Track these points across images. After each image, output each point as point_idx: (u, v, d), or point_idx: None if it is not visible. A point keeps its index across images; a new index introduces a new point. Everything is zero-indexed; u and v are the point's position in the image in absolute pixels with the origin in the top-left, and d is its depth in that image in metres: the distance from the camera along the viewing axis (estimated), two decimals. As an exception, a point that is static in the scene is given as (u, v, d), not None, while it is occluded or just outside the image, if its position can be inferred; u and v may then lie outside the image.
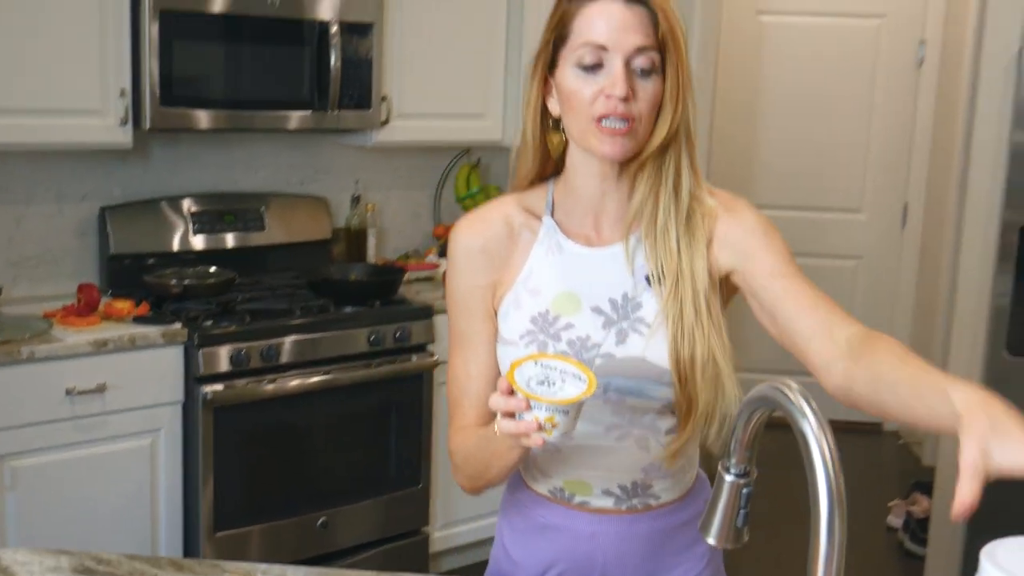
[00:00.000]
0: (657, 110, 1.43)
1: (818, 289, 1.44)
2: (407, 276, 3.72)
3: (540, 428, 1.25)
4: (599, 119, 1.40)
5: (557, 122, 1.50)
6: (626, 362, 1.46)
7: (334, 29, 3.42)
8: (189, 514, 3.15)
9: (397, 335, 3.42)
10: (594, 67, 1.41)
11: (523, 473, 1.61)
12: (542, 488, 1.58)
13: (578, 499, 1.56)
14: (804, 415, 1.01)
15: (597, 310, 1.48)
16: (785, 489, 3.36)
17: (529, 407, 1.25)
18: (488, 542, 1.73)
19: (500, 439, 1.34)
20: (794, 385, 1.05)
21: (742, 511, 1.19)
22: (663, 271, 1.46)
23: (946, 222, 5.01)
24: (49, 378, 2.88)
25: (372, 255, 3.97)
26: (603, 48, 1.40)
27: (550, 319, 1.48)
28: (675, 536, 1.58)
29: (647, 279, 1.48)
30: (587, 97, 1.41)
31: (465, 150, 4.22)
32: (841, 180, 5.49)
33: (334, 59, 3.43)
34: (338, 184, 3.98)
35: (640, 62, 1.40)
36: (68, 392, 2.90)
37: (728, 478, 1.18)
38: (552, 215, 1.53)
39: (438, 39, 3.75)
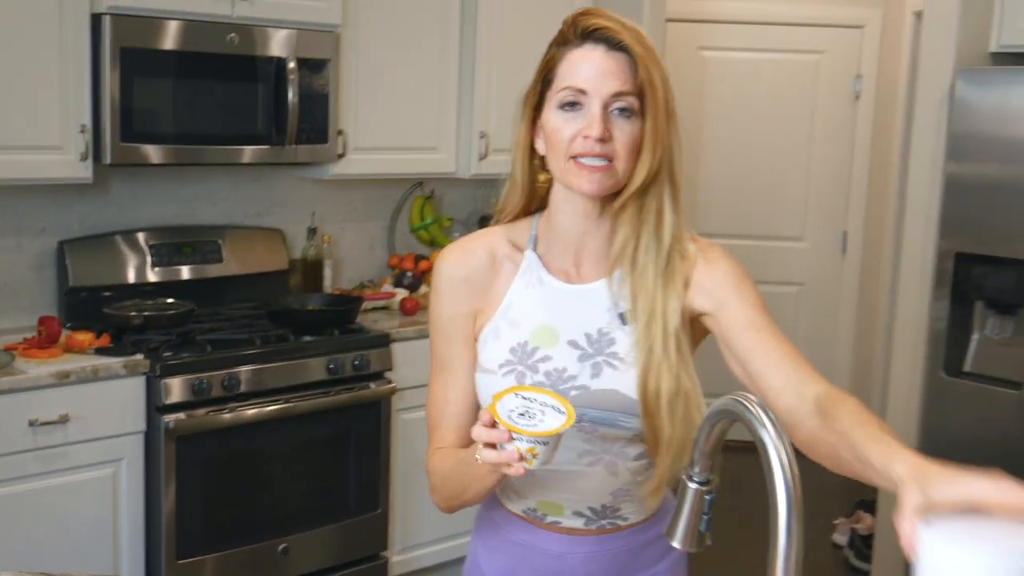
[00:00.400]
0: (637, 152, 1.50)
1: (788, 343, 1.51)
2: (364, 305, 3.79)
3: (521, 458, 1.32)
4: (576, 157, 1.49)
5: (544, 160, 1.57)
6: (599, 394, 1.53)
7: (291, 65, 3.50)
8: (151, 542, 3.18)
9: (356, 363, 3.48)
10: (574, 107, 1.49)
11: (498, 493, 1.68)
12: (516, 508, 1.66)
13: (550, 519, 1.63)
14: (763, 425, 1.10)
15: (574, 344, 1.55)
16: (748, 509, 3.46)
17: (511, 438, 1.32)
18: (446, 565, 1.81)
19: (478, 465, 1.41)
20: (754, 398, 1.14)
21: (705, 516, 1.28)
22: (637, 308, 1.53)
23: (884, 249, 5.19)
24: (12, 410, 2.90)
25: (328, 285, 4.03)
26: (583, 91, 1.48)
27: (528, 350, 1.55)
28: (641, 553, 1.67)
29: (621, 316, 1.55)
30: (566, 136, 1.49)
31: (419, 182, 4.30)
32: (783, 209, 5.65)
33: (291, 95, 3.50)
34: (294, 216, 4.05)
35: (617, 106, 1.48)
36: (31, 423, 2.93)
37: (692, 486, 1.27)
38: (535, 249, 1.60)
39: (392, 75, 3.85)
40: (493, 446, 1.34)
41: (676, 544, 1.30)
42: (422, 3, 3.88)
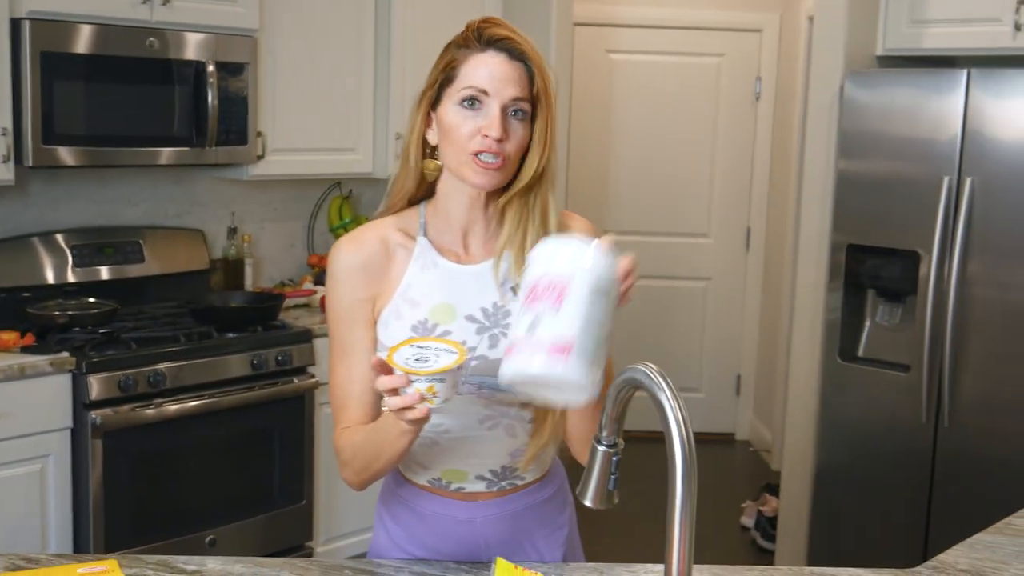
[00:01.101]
0: (524, 152, 1.66)
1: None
2: (286, 303, 3.89)
3: (423, 399, 1.45)
4: (475, 153, 1.62)
5: (434, 150, 1.70)
6: (497, 363, 1.63)
7: (210, 69, 3.58)
8: (79, 536, 3.24)
9: (279, 359, 3.58)
10: (475, 106, 1.62)
11: (402, 468, 1.80)
12: (421, 479, 1.78)
13: (454, 486, 1.76)
14: (661, 388, 1.26)
15: (471, 318, 1.69)
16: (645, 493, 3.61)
17: (409, 382, 1.45)
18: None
19: (390, 428, 1.54)
20: (654, 367, 1.29)
21: (612, 476, 1.42)
22: None
23: (785, 244, 5.42)
24: (-61, 408, 2.95)
25: (249, 284, 4.11)
26: (485, 92, 1.62)
27: (429, 327, 1.68)
28: (540, 509, 1.81)
29: (512, 290, 1.69)
30: (465, 133, 1.62)
31: (337, 182, 4.41)
32: (689, 207, 5.87)
33: (211, 98, 3.58)
34: (214, 216, 4.13)
35: (514, 108, 1.63)
36: (-42, 421, 2.98)
37: (601, 448, 1.42)
38: (425, 235, 1.73)
39: (310, 78, 3.95)
40: (395, 393, 1.46)
41: (588, 502, 1.45)
42: (337, 8, 3.99)
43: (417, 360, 1.46)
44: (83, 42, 3.33)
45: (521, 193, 1.69)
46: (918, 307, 3.48)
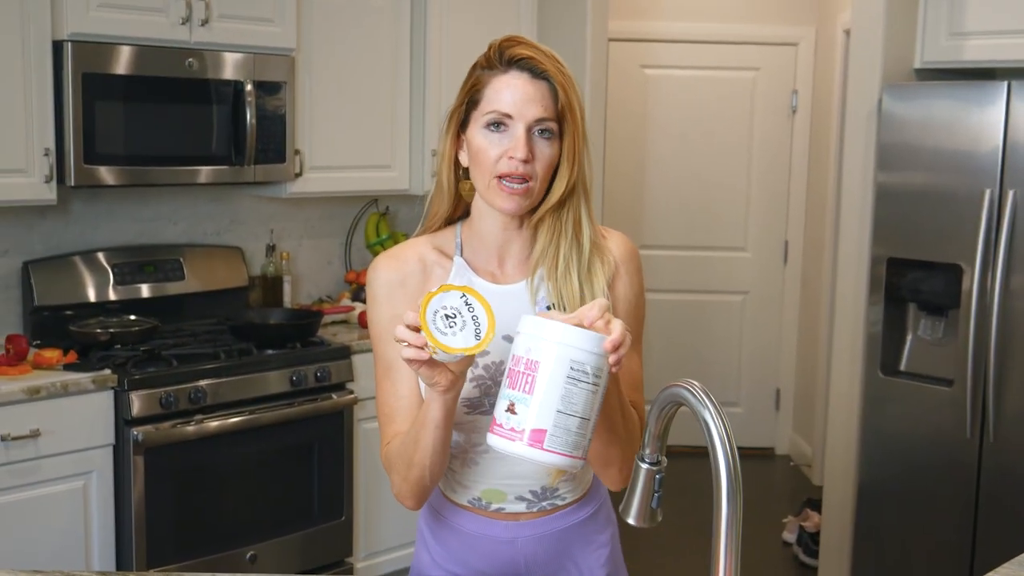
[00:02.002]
0: (553, 171, 1.65)
1: (638, 370, 1.73)
2: (324, 319, 3.91)
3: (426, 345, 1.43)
4: (500, 177, 1.62)
5: (467, 171, 1.70)
6: None
7: (248, 88, 3.61)
8: (122, 552, 3.27)
9: (318, 375, 3.60)
10: (500, 130, 1.62)
11: (443, 487, 1.79)
12: (461, 499, 1.77)
13: (495, 506, 1.75)
14: (705, 406, 1.25)
15: (508, 338, 1.66)
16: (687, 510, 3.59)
17: (425, 344, 1.44)
18: (409, 571, 1.91)
19: (423, 408, 1.55)
20: (697, 384, 1.28)
21: (656, 494, 1.42)
22: (565, 306, 1.68)
23: (823, 257, 5.39)
24: (-16, 426, 2.99)
25: (288, 301, 4.14)
26: (508, 116, 1.62)
27: None
28: (582, 529, 1.81)
29: (548, 308, 1.69)
30: (492, 156, 1.62)
31: (373, 199, 4.43)
32: (726, 221, 5.85)
33: (249, 117, 3.61)
34: (253, 234, 4.16)
35: (540, 128, 1.63)
36: (3, 439, 3.01)
37: (644, 466, 1.41)
38: (461, 255, 1.73)
39: (346, 96, 3.97)
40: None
41: (631, 520, 1.44)
42: (373, 26, 4.01)
43: (447, 318, 1.44)
44: (123, 63, 3.37)
45: (553, 210, 1.69)
46: (961, 321, 3.44)
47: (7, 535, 3.06)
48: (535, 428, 1.38)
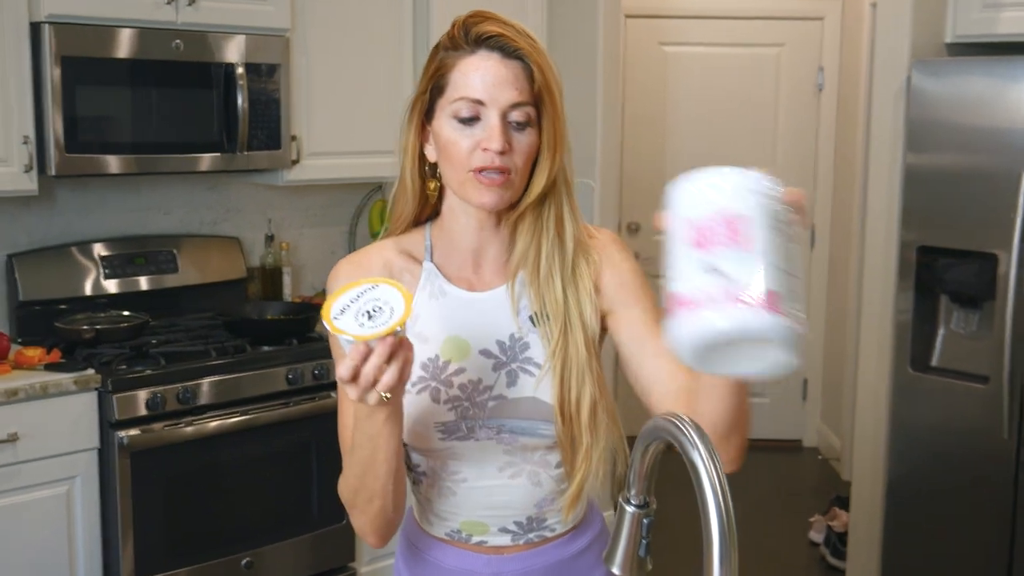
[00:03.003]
0: (533, 161, 1.47)
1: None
2: (323, 313, 3.73)
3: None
4: (477, 171, 1.43)
5: (434, 167, 1.51)
6: (518, 403, 1.50)
7: (240, 71, 3.43)
8: (109, 561, 3.12)
9: (316, 372, 3.43)
10: (471, 120, 1.43)
11: (419, 519, 1.62)
12: (439, 531, 1.59)
13: (476, 539, 1.57)
14: (695, 446, 1.05)
15: (486, 353, 1.50)
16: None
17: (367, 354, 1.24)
18: None
19: (363, 424, 1.34)
20: (685, 417, 1.09)
21: (644, 541, 1.23)
22: (548, 315, 1.50)
23: (851, 242, 5.17)
24: (-41, 431, 2.84)
25: (288, 293, 3.97)
26: (480, 102, 1.43)
27: (440, 364, 1.50)
28: (573, 563, 1.61)
29: (531, 319, 1.51)
30: (464, 149, 1.43)
31: (378, 186, 4.24)
32: (749, 203, 5.61)
33: (241, 101, 3.43)
34: (251, 223, 3.99)
35: (516, 116, 1.43)
36: (-21, 444, 2.86)
37: (629, 509, 1.22)
38: (432, 259, 1.54)
39: (345, 78, 3.78)
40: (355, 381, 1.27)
41: (616, 571, 1.25)
42: (373, 3, 3.81)
43: (368, 314, 1.25)
44: (105, 46, 3.19)
45: (534, 206, 1.50)
46: (997, 313, 3.22)
47: (-14, 544, 2.91)
48: (770, 290, 1.06)
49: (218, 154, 3.46)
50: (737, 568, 1.03)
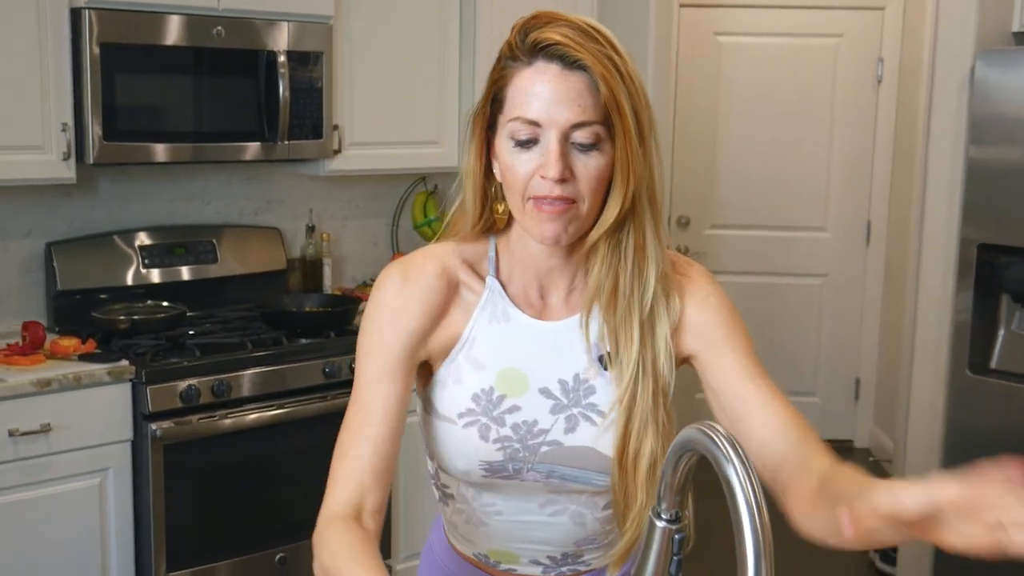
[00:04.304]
0: (605, 187, 1.28)
1: (785, 399, 1.33)
2: (361, 306, 3.67)
3: None
4: (536, 199, 1.27)
5: (502, 187, 1.34)
6: (574, 451, 1.36)
7: (282, 59, 3.37)
8: (141, 554, 3.07)
9: (352, 366, 3.35)
10: (528, 143, 1.26)
11: (448, 533, 1.53)
12: (466, 551, 1.50)
13: (504, 567, 1.48)
14: (729, 460, 0.96)
15: (546, 392, 1.35)
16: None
17: None
18: None
19: None
20: (720, 428, 1.00)
21: (675, 558, 1.13)
22: (621, 358, 1.33)
23: (909, 239, 5.00)
24: (-9, 420, 2.81)
25: (329, 285, 3.91)
26: (535, 123, 1.26)
27: (494, 399, 1.35)
28: None
29: (601, 360, 1.35)
30: (521, 176, 1.27)
31: (421, 177, 4.17)
32: (804, 199, 5.48)
33: (283, 89, 3.37)
34: (292, 214, 3.93)
35: (580, 136, 1.26)
36: (11, 434, 2.82)
37: (660, 524, 1.13)
38: (496, 275, 1.39)
39: (389, 66, 3.71)
40: None
41: (644, 589, 1.16)
42: (420, -9, 3.74)
43: None
44: (146, 32, 3.15)
45: (609, 233, 1.31)
46: (1061, 315, 3.08)
47: (18, 535, 2.88)
48: None
49: (259, 143, 3.41)
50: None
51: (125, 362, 3.03)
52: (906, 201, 5.12)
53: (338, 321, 3.46)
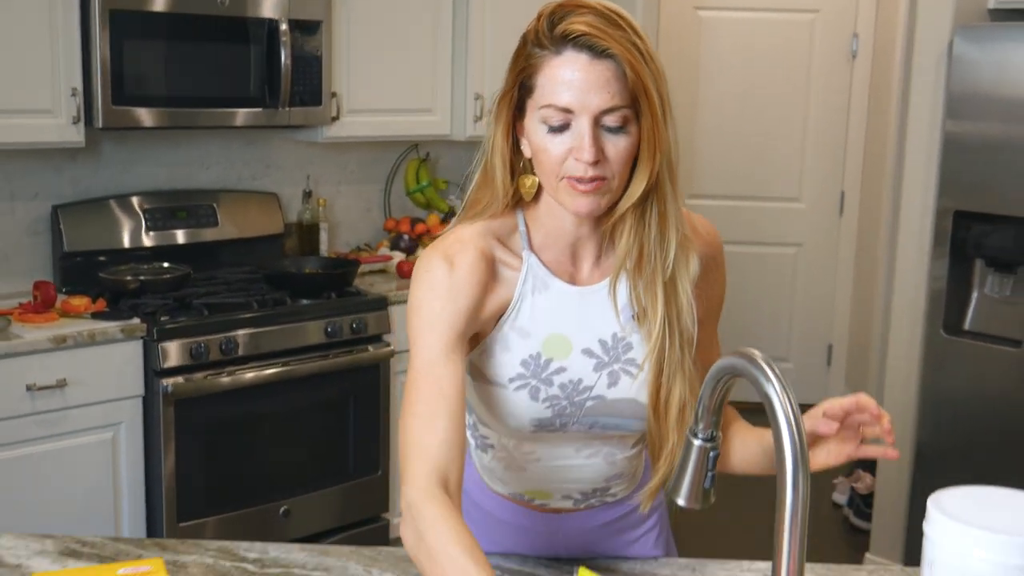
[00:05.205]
0: (632, 163, 1.37)
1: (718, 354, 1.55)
2: (361, 268, 3.78)
3: None
4: (570, 178, 1.36)
5: (531, 162, 1.42)
6: (616, 403, 1.47)
7: (283, 27, 3.46)
8: (152, 505, 3.19)
9: (354, 326, 3.47)
10: (561, 128, 1.34)
11: (484, 475, 1.63)
12: (502, 491, 1.62)
13: (537, 502, 1.60)
14: (768, 379, 1.09)
15: (588, 352, 1.46)
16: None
17: None
18: None
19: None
20: (758, 353, 1.13)
21: (709, 473, 1.27)
22: (649, 316, 1.44)
23: (881, 209, 5.17)
24: (9, 374, 2.89)
25: (324, 249, 4.01)
26: (569, 111, 1.33)
27: (542, 363, 1.45)
28: (628, 517, 1.65)
29: (634, 318, 1.46)
30: (555, 157, 1.35)
31: (414, 145, 4.28)
32: (780, 170, 5.63)
33: (284, 57, 3.47)
34: (289, 179, 4.03)
35: (609, 120, 1.33)
36: (29, 388, 2.92)
37: (696, 442, 1.26)
38: (531, 248, 1.47)
39: (386, 35, 3.81)
40: None
41: (681, 502, 1.29)
42: (416, -38, 3.84)
43: None
44: (153, 1, 3.23)
45: (635, 206, 1.40)
46: (1031, 278, 3.24)
47: (35, 486, 2.98)
48: None
49: (259, 109, 3.50)
50: (808, 492, 1.08)
51: (137, 320, 3.13)
52: (879, 173, 5.29)
53: (338, 282, 3.57)
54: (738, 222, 5.59)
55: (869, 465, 4.29)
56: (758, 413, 1.12)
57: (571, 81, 1.32)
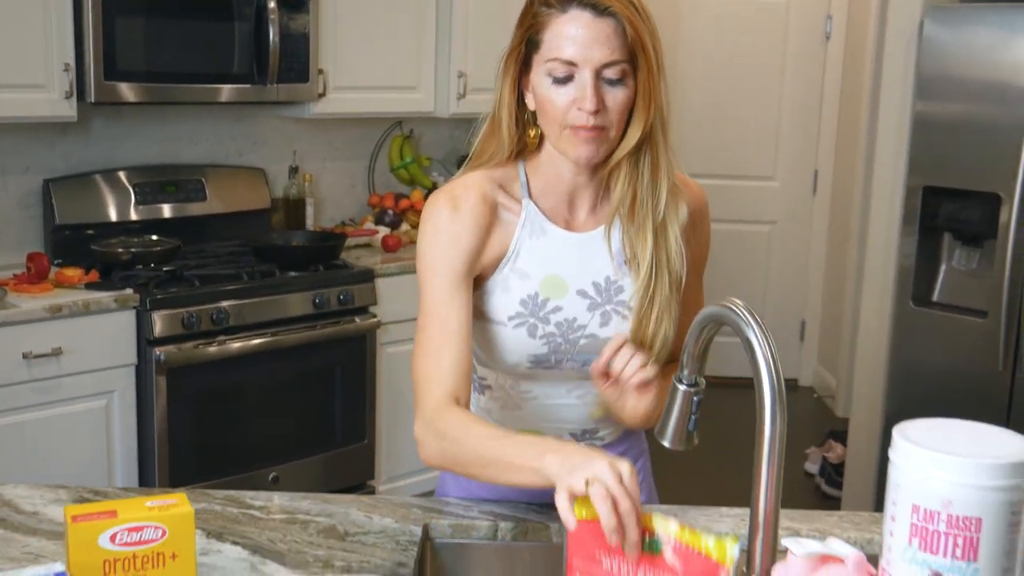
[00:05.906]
0: (628, 114, 1.50)
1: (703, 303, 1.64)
2: (347, 242, 3.85)
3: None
4: (573, 127, 1.48)
5: (535, 114, 1.54)
6: (607, 340, 1.57)
7: (272, 5, 3.53)
8: (144, 471, 3.26)
9: (341, 298, 3.56)
10: (565, 80, 1.47)
11: (479, 416, 1.73)
12: None
13: None
14: (749, 325, 1.20)
15: (583, 293, 1.58)
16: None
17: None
18: (432, 494, 1.85)
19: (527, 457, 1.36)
20: (740, 302, 1.23)
21: (693, 416, 1.37)
22: (639, 257, 1.56)
23: (854, 187, 5.29)
24: (6, 343, 2.96)
25: (310, 224, 4.09)
26: (572, 64, 1.46)
27: (539, 302, 1.56)
28: None
29: (626, 263, 1.58)
30: (560, 107, 1.48)
31: (397, 122, 4.35)
32: (755, 149, 5.74)
33: (272, 34, 3.53)
34: (276, 155, 4.10)
35: (609, 73, 1.46)
36: (25, 356, 2.99)
37: (681, 387, 1.36)
38: (530, 196, 1.58)
39: (372, 13, 3.88)
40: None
41: (666, 443, 1.40)
42: (400, -58, 3.91)
43: None
44: (145, -24, 3.30)
45: (630, 155, 1.53)
46: (997, 251, 3.35)
47: (30, 452, 3.05)
48: None
49: (247, 86, 3.57)
50: (785, 431, 1.18)
51: (130, 290, 3.21)
52: (851, 152, 5.41)
53: (325, 255, 3.66)
54: (713, 200, 5.61)
55: (840, 435, 4.41)
56: (745, 388, 1.21)
57: (575, 36, 1.45)
